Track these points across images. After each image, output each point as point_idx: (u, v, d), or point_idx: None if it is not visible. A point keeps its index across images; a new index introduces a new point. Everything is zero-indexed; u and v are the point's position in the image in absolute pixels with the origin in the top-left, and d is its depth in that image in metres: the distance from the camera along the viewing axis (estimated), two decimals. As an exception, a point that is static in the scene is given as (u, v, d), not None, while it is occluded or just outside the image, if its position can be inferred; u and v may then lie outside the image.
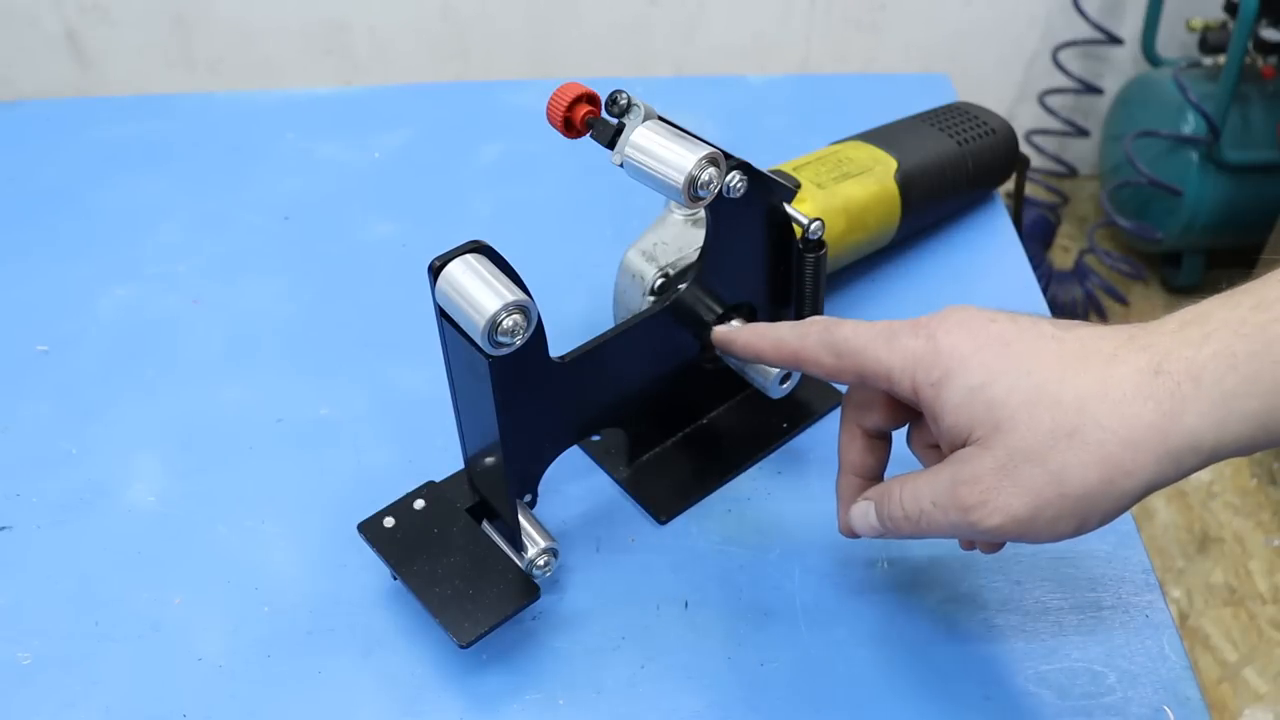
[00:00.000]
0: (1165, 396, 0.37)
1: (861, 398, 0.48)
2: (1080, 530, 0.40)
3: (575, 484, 0.58)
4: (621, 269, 0.58)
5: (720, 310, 0.56)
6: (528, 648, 0.51)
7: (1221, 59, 1.67)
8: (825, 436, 0.60)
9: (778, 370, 0.54)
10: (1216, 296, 0.39)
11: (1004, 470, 0.39)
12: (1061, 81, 1.81)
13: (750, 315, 0.57)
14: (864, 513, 0.46)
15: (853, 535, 0.47)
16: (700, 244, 0.54)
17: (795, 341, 0.47)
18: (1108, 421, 0.38)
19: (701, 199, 0.48)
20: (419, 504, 0.52)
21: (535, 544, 0.49)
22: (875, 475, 0.48)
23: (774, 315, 0.58)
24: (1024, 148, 0.77)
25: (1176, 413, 0.37)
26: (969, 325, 0.42)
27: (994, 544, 0.48)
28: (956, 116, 0.73)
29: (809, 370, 0.47)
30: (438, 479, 0.54)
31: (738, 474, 0.58)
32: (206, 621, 0.52)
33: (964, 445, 0.41)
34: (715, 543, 0.55)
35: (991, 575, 0.53)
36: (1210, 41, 1.68)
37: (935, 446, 0.46)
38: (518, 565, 0.50)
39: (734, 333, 0.52)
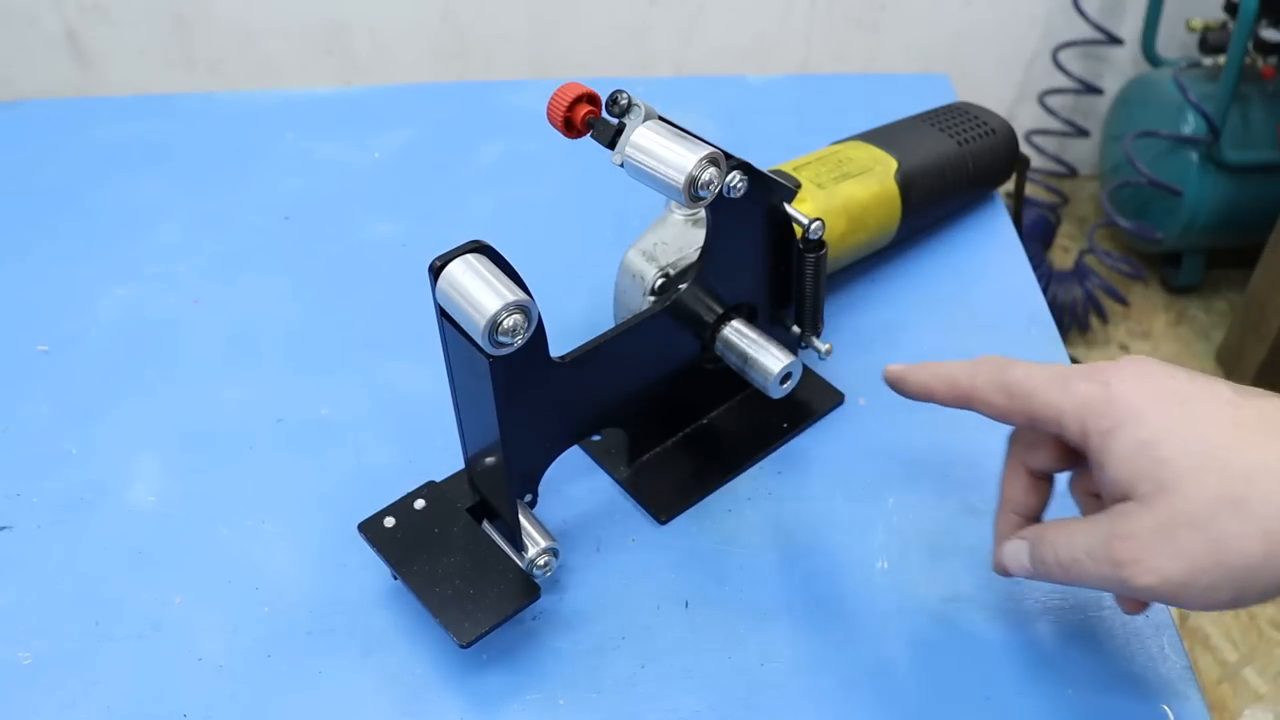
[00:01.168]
0: None
1: (1030, 437, 0.47)
2: (1237, 603, 0.39)
3: (575, 484, 0.58)
4: (622, 269, 0.58)
5: (720, 310, 0.56)
6: (528, 648, 0.51)
7: (1221, 59, 1.66)
8: (825, 436, 0.60)
9: (778, 370, 0.54)
10: None
11: (1163, 531, 0.38)
12: (1061, 81, 1.81)
13: (750, 315, 0.57)
14: (1017, 552, 0.45)
15: (1005, 574, 0.46)
16: (700, 244, 0.54)
17: (967, 381, 0.46)
18: (1276, 496, 0.37)
19: (702, 199, 0.48)
20: (419, 504, 0.52)
21: (535, 544, 0.49)
22: (1034, 515, 0.48)
23: (774, 315, 0.58)
24: (1024, 148, 0.77)
25: None
26: (1147, 377, 0.41)
27: (1142, 602, 0.46)
28: (956, 116, 0.73)
29: (979, 410, 0.46)
30: (438, 479, 0.54)
31: (738, 474, 0.58)
32: (206, 621, 0.52)
33: (1126, 499, 0.40)
34: (715, 543, 0.55)
35: (992, 575, 0.52)
36: (1210, 41, 1.68)
37: (1098, 495, 0.45)
38: (518, 565, 0.50)
39: (907, 371, 0.49)
